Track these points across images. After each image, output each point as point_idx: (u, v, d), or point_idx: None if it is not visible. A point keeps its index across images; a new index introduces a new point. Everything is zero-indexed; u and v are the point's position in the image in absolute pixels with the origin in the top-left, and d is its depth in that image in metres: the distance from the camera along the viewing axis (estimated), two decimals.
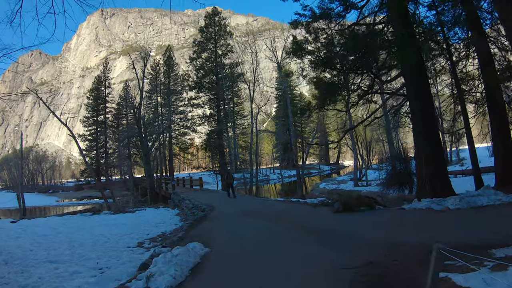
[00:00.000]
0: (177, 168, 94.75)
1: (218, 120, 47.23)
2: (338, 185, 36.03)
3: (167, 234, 11.25)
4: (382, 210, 10.94)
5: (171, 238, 9.59)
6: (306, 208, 13.12)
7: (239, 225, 10.51)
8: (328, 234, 7.99)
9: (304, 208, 13.08)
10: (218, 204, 16.32)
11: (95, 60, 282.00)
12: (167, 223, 13.79)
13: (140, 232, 11.93)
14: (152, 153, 60.76)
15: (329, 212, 11.19)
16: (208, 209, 14.46)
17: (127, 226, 13.46)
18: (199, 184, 28.56)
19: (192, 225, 11.04)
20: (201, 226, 10.71)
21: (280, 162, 79.36)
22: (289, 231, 8.89)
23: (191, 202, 18.15)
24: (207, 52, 45.64)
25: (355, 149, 37.49)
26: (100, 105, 75.19)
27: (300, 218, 10.84)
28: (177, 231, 11.16)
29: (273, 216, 11.56)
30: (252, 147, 35.46)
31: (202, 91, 46.93)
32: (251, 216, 12.18)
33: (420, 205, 10.31)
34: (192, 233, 9.55)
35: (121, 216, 17.18)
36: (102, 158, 73.81)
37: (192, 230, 10.23)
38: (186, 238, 8.84)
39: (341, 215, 10.38)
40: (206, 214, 13.30)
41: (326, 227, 8.93)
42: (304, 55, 14.71)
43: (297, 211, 12.55)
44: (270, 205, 15.44)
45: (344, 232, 8.06)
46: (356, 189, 29.75)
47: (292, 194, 35.53)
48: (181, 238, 8.87)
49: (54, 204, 48.49)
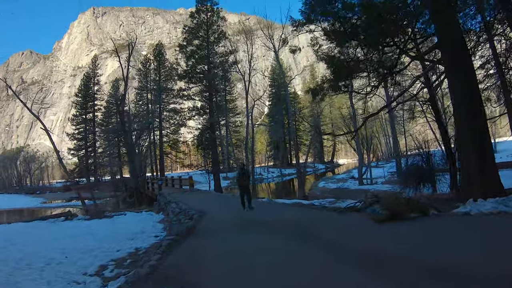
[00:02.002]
0: (169, 168, 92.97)
1: (210, 113, 43.09)
2: (340, 184, 34.18)
3: (141, 252, 8.77)
4: (441, 217, 7.59)
5: (142, 264, 6.72)
6: (330, 215, 10.00)
7: (242, 249, 6.86)
8: (403, 268, 4.33)
9: (328, 216, 9.96)
10: (210, 209, 13.59)
11: (86, 59, 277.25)
12: (146, 234, 11.35)
13: (110, 247, 9.49)
14: (142, 151, 59.39)
15: (368, 221, 7.78)
16: (197, 216, 11.47)
17: (97, 237, 11.18)
18: (188, 184, 25.99)
19: (173, 243, 7.81)
20: (186, 246, 7.54)
21: (273, 160, 78.17)
22: (328, 262, 5.11)
23: (178, 206, 15.34)
24: (199, 39, 42.02)
25: (359, 144, 35.34)
26: (88, 103, 72.59)
27: (333, 233, 7.33)
28: (153, 249, 8.35)
29: (289, 229, 8.23)
30: (247, 142, 32.96)
31: (193, 81, 42.98)
32: (257, 228, 8.90)
33: (484, 207, 7.85)
34: (170, 261, 6.25)
35: (95, 223, 15.09)
36: (90, 157, 71.51)
37: (172, 253, 7.00)
38: (159, 270, 5.63)
39: (390, 227, 7.01)
40: (194, 223, 10.27)
41: (388, 251, 5.21)
42: (320, 20, 12.56)
43: (321, 220, 9.41)
44: (278, 210, 12.26)
45: (420, 261, 4.50)
46: (361, 187, 28.00)
47: (289, 194, 33.79)
48: (153, 269, 5.68)
49: (38, 205, 46.32)
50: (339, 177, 43.73)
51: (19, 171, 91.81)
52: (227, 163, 56.58)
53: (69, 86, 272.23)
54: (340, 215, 9.64)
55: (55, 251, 9.15)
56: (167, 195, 21.48)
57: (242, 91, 66.17)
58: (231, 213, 12.50)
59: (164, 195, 21.53)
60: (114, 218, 16.67)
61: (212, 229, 9.54)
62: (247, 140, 32.18)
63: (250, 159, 32.37)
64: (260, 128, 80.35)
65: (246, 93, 30.28)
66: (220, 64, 41.56)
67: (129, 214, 18.05)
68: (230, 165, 58.61)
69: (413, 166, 16.30)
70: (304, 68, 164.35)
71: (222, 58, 41.38)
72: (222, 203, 16.81)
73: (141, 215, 17.87)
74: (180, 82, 47.04)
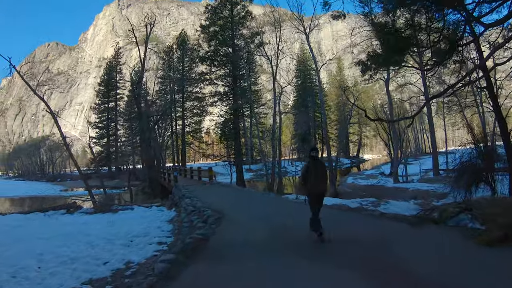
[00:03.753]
0: (192, 158, 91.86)
1: (233, 98, 39.72)
2: (370, 181, 31.49)
3: (130, 271, 6.18)
4: None
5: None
6: (401, 228, 7.05)
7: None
8: None
9: (399, 230, 6.96)
10: (231, 209, 10.91)
11: (111, 51, 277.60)
12: (148, 238, 8.99)
13: (98, 256, 7.36)
14: (163, 140, 58.15)
15: (465, 242, 5.56)
16: (213, 219, 8.85)
17: (90, 238, 9.08)
18: (208, 176, 23.27)
19: (170, 269, 5.16)
20: (186, 279, 4.78)
21: (298, 153, 76.02)
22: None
23: (193, 202, 12.91)
24: (222, 20, 38.39)
25: (396, 137, 32.61)
26: (111, 92, 71.82)
27: (431, 266, 4.65)
28: (146, 269, 6.04)
29: (358, 252, 5.62)
30: (275, 131, 30.07)
31: (215, 64, 39.49)
32: (305, 249, 6.15)
33: None
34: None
35: (96, 219, 13.16)
36: (112, 146, 70.72)
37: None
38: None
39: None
40: (208, 232, 7.38)
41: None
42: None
43: (396, 239, 6.33)
44: (324, 217, 6.93)
45: None
46: (397, 185, 25.28)
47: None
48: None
49: (57, 193, 45.45)
50: (368, 173, 41.09)
51: (42, 159, 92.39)
52: (250, 154, 54.71)
53: (94, 76, 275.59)
54: (416, 230, 6.83)
55: (32, 256, 7.25)
56: (182, 188, 19.22)
57: (266, 82, 63.69)
58: (259, 218, 9.46)
59: (179, 188, 19.25)
60: (119, 214, 14.86)
61: (233, 245, 6.58)
62: (274, 129, 29.41)
63: (277, 151, 29.61)
64: (285, 121, 78.14)
65: (273, 78, 27.63)
66: (246, 45, 38.25)
67: (137, 209, 16.08)
68: (254, 157, 56.76)
69: (467, 163, 13.26)
70: (330, 60, 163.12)
71: (247, 39, 37.54)
72: (246, 201, 13.93)
73: (150, 210, 15.76)
74: (202, 65, 44.02)
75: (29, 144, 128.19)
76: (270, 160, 30.87)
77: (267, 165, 30.08)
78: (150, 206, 17.29)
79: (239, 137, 41.09)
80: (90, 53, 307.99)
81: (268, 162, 30.53)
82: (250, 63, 39.02)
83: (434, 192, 18.87)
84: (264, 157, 30.22)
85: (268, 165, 30.05)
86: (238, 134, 39.65)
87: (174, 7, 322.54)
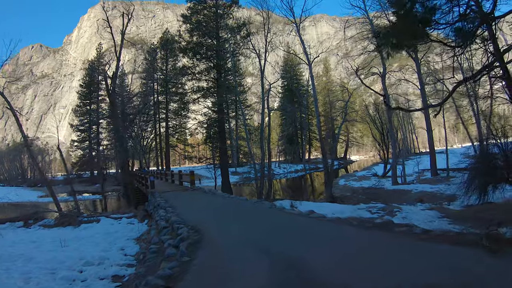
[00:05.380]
0: (177, 162, 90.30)
1: (218, 92, 36.80)
2: (364, 182, 29.91)
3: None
4: None
5: None
6: (473, 258, 4.27)
7: None
8: None
9: (472, 260, 4.21)
10: (213, 226, 8.21)
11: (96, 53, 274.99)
12: (103, 267, 7.02)
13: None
14: (149, 144, 56.59)
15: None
16: (187, 245, 6.23)
17: (26, 269, 6.94)
18: (190, 181, 20.93)
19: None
20: None
21: (285, 155, 75.05)
22: None
23: (167, 214, 10.42)
24: (206, 9, 35.89)
25: (394, 135, 31.08)
26: (93, 93, 69.60)
27: None
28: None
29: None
30: (263, 129, 27.87)
31: (198, 58, 36.78)
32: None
33: None
34: None
35: (52, 235, 11.07)
36: (94, 149, 68.59)
37: None
38: None
39: None
40: (175, 274, 4.84)
41: None
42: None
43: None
44: (348, 245, 5.81)
45: None
46: (397, 188, 23.91)
47: (311, 194, 30.07)
48: None
49: (34, 199, 43.53)
50: (360, 174, 39.99)
51: (22, 163, 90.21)
52: (236, 156, 53.27)
53: (79, 79, 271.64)
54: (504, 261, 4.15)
55: None
56: (159, 195, 16.99)
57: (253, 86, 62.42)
58: (252, 243, 6.47)
59: (155, 196, 16.78)
60: (81, 228, 13.01)
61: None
62: (263, 127, 27.32)
63: (266, 151, 27.55)
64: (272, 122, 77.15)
65: (261, 72, 25.67)
66: (232, 37, 34.77)
67: (104, 222, 14.21)
68: (240, 159, 55.34)
69: (482, 161, 12.08)
70: (315, 61, 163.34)
71: (234, 29, 34.68)
72: (232, 213, 10.98)
73: (119, 223, 13.86)
74: (184, 58, 41.70)
75: (11, 149, 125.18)
76: (258, 162, 28.09)
77: (256, 168, 26.83)
78: (120, 217, 15.33)
79: (225, 137, 39.28)
80: (75, 56, 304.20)
81: (256, 164, 27.53)
82: (237, 54, 35.65)
83: (442, 194, 17.75)
84: (252, 158, 27.87)
85: (256, 168, 26.86)
86: (223, 133, 37.89)
87: (160, 9, 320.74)
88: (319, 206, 13.60)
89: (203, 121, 42.79)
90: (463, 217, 10.09)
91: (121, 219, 14.75)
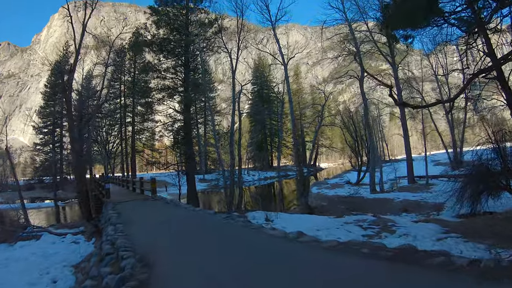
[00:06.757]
0: (144, 168, 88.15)
1: (185, 88, 34.72)
2: (337, 190, 29.19)
3: None
4: None
5: None
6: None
7: None
8: None
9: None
10: (170, 255, 6.65)
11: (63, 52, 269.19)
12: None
13: None
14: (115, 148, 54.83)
15: None
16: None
17: None
18: (151, 189, 19.61)
19: None
20: None
21: (254, 162, 74.52)
22: None
23: (115, 234, 8.74)
24: (176, 1, 33.40)
25: (372, 141, 30.73)
26: (57, 94, 66.52)
27: None
28: None
29: None
30: (233, 133, 26.56)
31: (165, 54, 34.37)
32: None
33: None
34: None
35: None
36: (57, 153, 65.77)
37: None
38: None
39: None
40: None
41: None
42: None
43: None
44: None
45: None
46: (377, 196, 22.96)
47: (284, 202, 29.20)
48: None
49: None
50: (332, 182, 39.64)
51: None
52: (204, 163, 52.00)
53: (45, 80, 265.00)
54: None
55: None
56: (113, 206, 15.00)
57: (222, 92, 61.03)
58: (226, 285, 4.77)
59: (107, 207, 14.96)
60: (16, 247, 11.47)
61: None
62: (233, 131, 25.92)
63: (236, 156, 25.96)
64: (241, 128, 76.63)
65: (233, 72, 24.37)
66: (203, 31, 32.21)
67: (45, 239, 12.65)
68: (208, 166, 54.00)
69: (477, 167, 11.40)
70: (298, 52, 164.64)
71: (203, 23, 32.57)
72: (198, 234, 8.78)
73: (62, 242, 12.37)
74: (148, 54, 39.34)
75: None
76: (227, 168, 26.21)
77: (225, 174, 24.27)
78: (66, 233, 13.77)
79: (191, 141, 37.35)
80: (43, 56, 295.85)
81: (225, 170, 25.30)
82: (207, 50, 33.16)
83: (426, 203, 17.22)
84: (221, 165, 26.09)
85: (226, 175, 24.29)
86: (189, 136, 36.11)
87: (132, 12, 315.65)
88: (297, 219, 12.69)
89: (167, 123, 40.12)
90: (473, 231, 8.96)
91: (65, 236, 13.33)
